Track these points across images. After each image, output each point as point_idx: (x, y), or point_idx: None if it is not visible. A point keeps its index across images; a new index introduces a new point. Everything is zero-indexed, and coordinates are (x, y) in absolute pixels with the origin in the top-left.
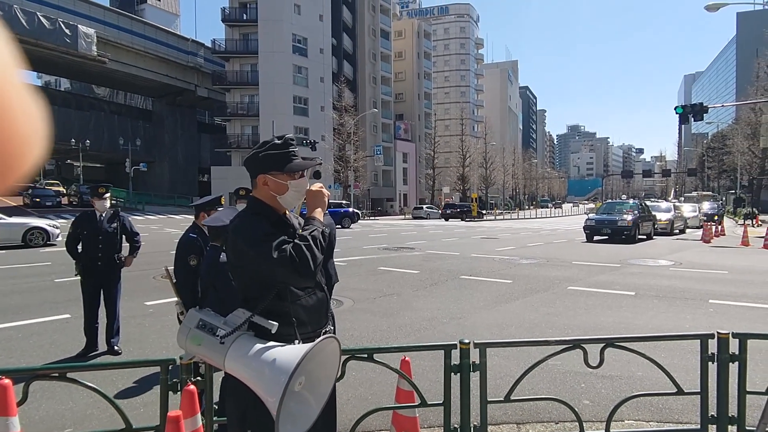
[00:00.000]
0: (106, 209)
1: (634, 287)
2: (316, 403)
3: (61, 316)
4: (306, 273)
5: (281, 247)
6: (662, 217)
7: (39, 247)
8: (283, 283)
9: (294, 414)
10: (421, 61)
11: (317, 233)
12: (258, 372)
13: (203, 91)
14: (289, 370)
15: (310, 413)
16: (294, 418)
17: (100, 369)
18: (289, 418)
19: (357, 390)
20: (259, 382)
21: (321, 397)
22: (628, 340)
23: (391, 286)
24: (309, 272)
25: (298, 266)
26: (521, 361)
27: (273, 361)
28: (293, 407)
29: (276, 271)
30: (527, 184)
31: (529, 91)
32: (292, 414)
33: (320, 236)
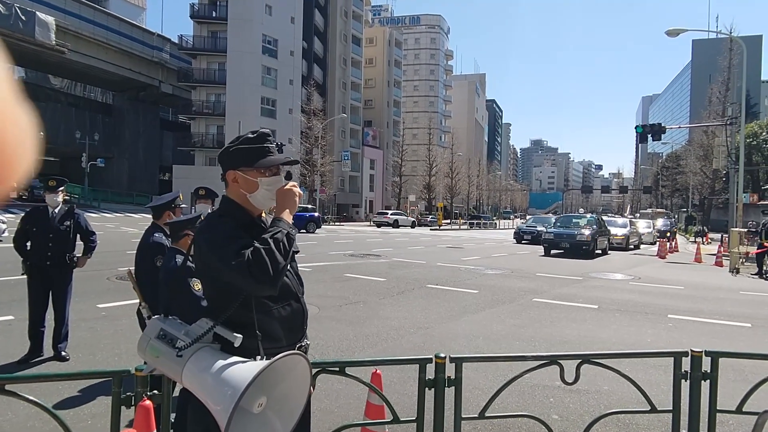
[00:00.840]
0: (58, 205)
1: (596, 300)
2: (283, 426)
3: (3, 317)
4: (264, 280)
5: (241, 251)
6: (618, 232)
7: None
8: (244, 291)
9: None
10: (391, 68)
11: (281, 236)
12: (210, 389)
13: (168, 88)
14: (240, 387)
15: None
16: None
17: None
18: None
19: (322, 402)
20: (209, 400)
21: (289, 422)
22: (604, 356)
23: (357, 294)
24: (267, 279)
25: (255, 272)
26: (490, 374)
27: (225, 378)
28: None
29: (233, 276)
30: (491, 195)
31: (496, 104)
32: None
33: (284, 239)
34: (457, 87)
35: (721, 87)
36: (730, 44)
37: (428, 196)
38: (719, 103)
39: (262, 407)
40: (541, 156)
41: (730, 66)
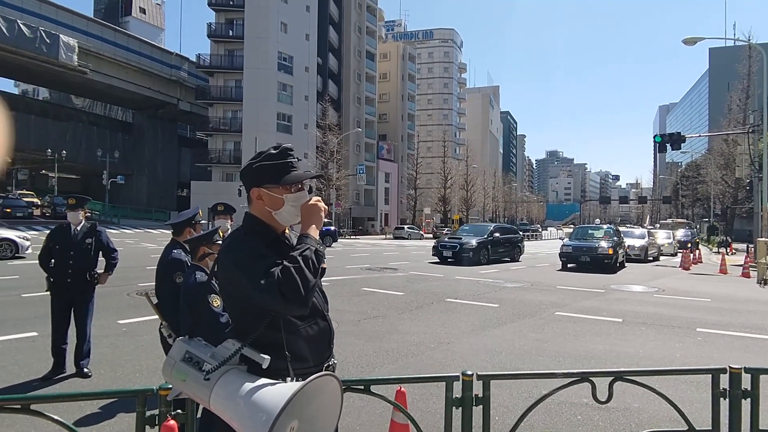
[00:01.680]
0: (79, 222)
1: (620, 314)
2: None
3: (28, 333)
4: (294, 299)
5: (269, 270)
6: (636, 243)
7: (7, 260)
8: (272, 311)
9: None
10: (405, 83)
11: (309, 253)
12: (241, 414)
13: (186, 105)
14: (274, 412)
15: None
16: None
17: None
18: None
19: (344, 420)
20: (242, 425)
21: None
22: (638, 374)
23: (375, 308)
24: (298, 298)
25: (285, 291)
26: (515, 391)
27: (257, 402)
28: None
29: (262, 297)
30: (507, 207)
31: (510, 116)
32: None
33: (313, 257)
34: (471, 99)
35: (740, 94)
36: (749, 51)
37: (444, 209)
38: (740, 111)
39: (293, 431)
40: (557, 167)
41: (750, 73)
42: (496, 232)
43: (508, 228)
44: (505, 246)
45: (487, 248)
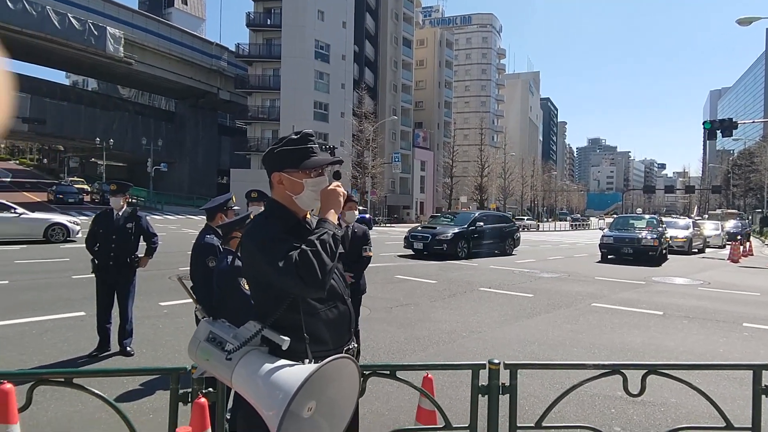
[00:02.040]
0: (120, 207)
1: (661, 306)
2: (331, 429)
3: (76, 313)
4: (312, 282)
5: (288, 254)
6: (679, 234)
7: (59, 243)
8: (291, 293)
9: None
10: (442, 69)
11: (327, 237)
12: (260, 393)
13: (225, 95)
14: (291, 391)
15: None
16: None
17: (108, 375)
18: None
19: (373, 405)
20: (260, 404)
21: (338, 426)
22: (673, 367)
23: (408, 296)
24: (316, 281)
25: (303, 274)
26: (546, 381)
27: (275, 382)
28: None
29: (281, 280)
30: (546, 196)
31: (551, 103)
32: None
33: (330, 240)
34: (510, 86)
35: None
36: None
37: (480, 198)
38: None
39: (311, 411)
40: (600, 155)
41: None
42: (479, 221)
43: (496, 216)
44: (492, 237)
45: (467, 239)
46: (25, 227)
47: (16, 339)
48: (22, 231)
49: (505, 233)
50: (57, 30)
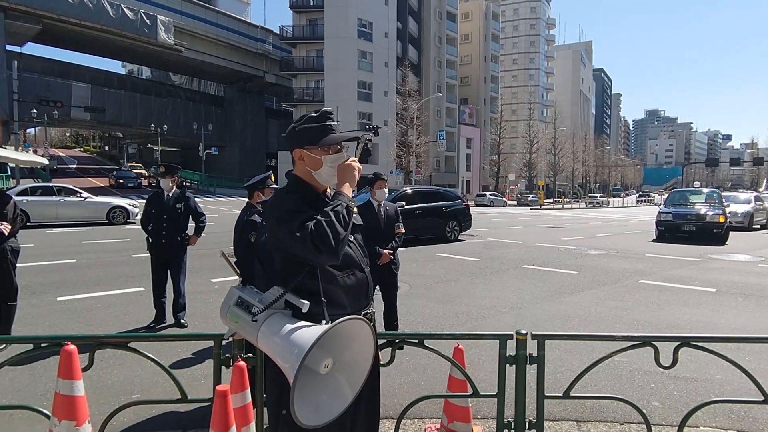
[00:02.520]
0: (170, 188)
1: (715, 283)
2: (351, 388)
3: (136, 289)
4: (326, 250)
5: (304, 224)
6: (739, 209)
7: (120, 225)
8: (308, 261)
9: (321, 402)
10: (488, 43)
11: (341, 208)
12: (279, 350)
13: (271, 77)
14: (304, 348)
15: (339, 404)
16: (320, 406)
17: (158, 340)
18: (316, 404)
19: (410, 375)
20: (279, 359)
21: (355, 385)
22: (708, 340)
23: (449, 273)
24: (329, 249)
25: (318, 243)
26: (585, 357)
27: (293, 339)
28: (322, 396)
29: (298, 248)
30: (599, 171)
31: (604, 74)
32: (320, 402)
33: (344, 211)
34: (560, 57)
35: None
36: None
37: (529, 175)
38: None
39: (328, 368)
40: (658, 127)
41: None
42: (401, 200)
43: (430, 192)
44: (423, 218)
45: None
46: (89, 210)
47: (83, 312)
48: (87, 214)
49: (444, 214)
50: (112, 20)
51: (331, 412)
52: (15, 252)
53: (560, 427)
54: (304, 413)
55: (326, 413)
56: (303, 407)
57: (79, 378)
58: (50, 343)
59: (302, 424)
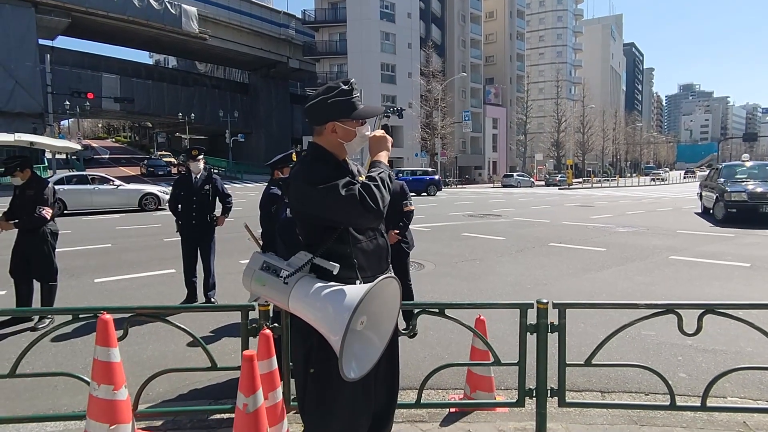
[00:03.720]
0: (200, 171)
1: (749, 258)
2: (380, 341)
3: (168, 270)
4: (374, 211)
5: (349, 186)
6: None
7: (152, 211)
8: (347, 223)
9: (357, 353)
10: (513, 20)
11: (384, 175)
12: (321, 311)
13: (295, 63)
14: (351, 307)
15: (373, 352)
16: (357, 357)
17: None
18: (353, 357)
19: (434, 349)
20: (322, 320)
21: (384, 337)
22: (733, 307)
23: (474, 252)
24: (378, 210)
25: (367, 204)
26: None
27: (335, 300)
28: (356, 346)
29: (344, 209)
30: (630, 149)
31: (635, 48)
32: (355, 353)
33: (387, 178)
34: (589, 33)
35: None
36: None
37: (557, 154)
38: None
39: (363, 325)
40: (692, 102)
41: None
42: None
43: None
44: None
45: None
46: (123, 198)
47: (119, 292)
48: (121, 201)
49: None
50: (138, 11)
51: (367, 362)
52: (54, 234)
53: (584, 396)
54: (348, 368)
55: (364, 364)
56: (346, 363)
57: (115, 345)
58: (88, 314)
59: (349, 378)
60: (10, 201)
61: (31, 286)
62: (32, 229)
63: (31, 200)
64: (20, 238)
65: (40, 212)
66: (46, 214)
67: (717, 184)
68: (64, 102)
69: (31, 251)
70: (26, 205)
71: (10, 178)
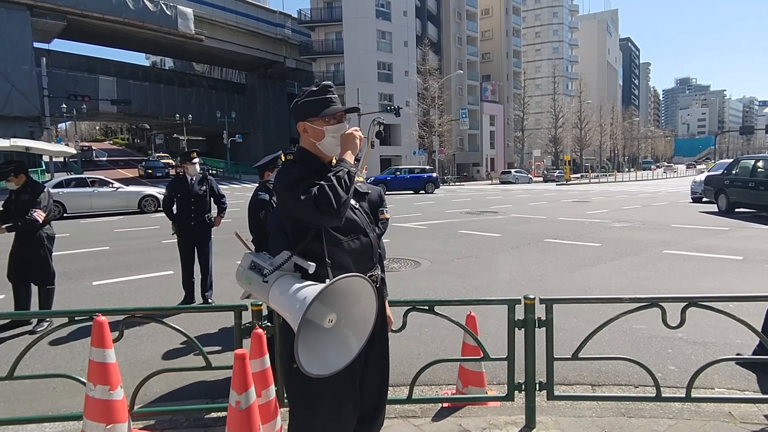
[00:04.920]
0: (197, 173)
1: (742, 251)
2: (357, 341)
3: (166, 272)
4: (328, 212)
5: (308, 189)
6: None
7: (151, 213)
8: (311, 224)
9: (327, 351)
10: (509, 17)
11: (342, 174)
12: (286, 306)
13: (291, 63)
14: (307, 301)
15: (346, 351)
16: (327, 355)
17: (183, 311)
18: (318, 353)
19: (428, 346)
20: (286, 313)
21: (361, 337)
22: (716, 299)
23: (470, 249)
24: (331, 211)
25: (320, 206)
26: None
27: (295, 297)
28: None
29: (303, 211)
30: (627, 144)
31: (631, 43)
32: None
33: (345, 177)
34: (585, 28)
35: None
36: None
37: (555, 150)
38: None
39: (332, 323)
40: (689, 96)
41: None
42: None
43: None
44: None
45: None
46: (122, 200)
47: (117, 294)
48: (120, 203)
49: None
50: (133, 13)
51: (336, 363)
52: (51, 238)
53: (575, 390)
54: (311, 363)
55: (331, 365)
56: (309, 358)
57: (110, 347)
58: (84, 316)
59: (308, 372)
60: (3, 203)
61: (29, 289)
62: (28, 233)
63: (25, 205)
64: (17, 243)
65: (32, 214)
66: (38, 216)
67: None
68: (61, 105)
69: (28, 255)
70: (21, 210)
71: (5, 182)
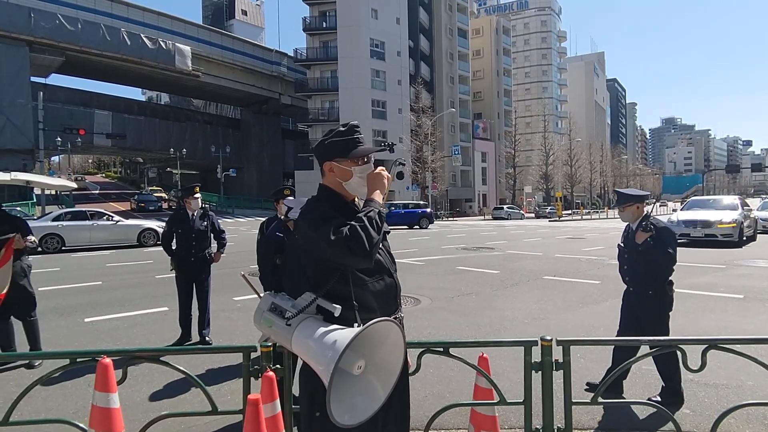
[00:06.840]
0: (198, 207)
1: (742, 290)
2: (383, 388)
3: (161, 308)
4: (360, 253)
5: (339, 228)
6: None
7: (150, 247)
8: (340, 264)
9: (356, 400)
10: (500, 58)
11: (373, 214)
12: (314, 353)
13: (287, 99)
14: (339, 350)
15: (374, 400)
16: (355, 404)
17: (189, 353)
18: (349, 402)
19: (435, 387)
20: (313, 361)
21: (387, 385)
22: (736, 342)
23: (469, 286)
24: (364, 252)
25: (352, 246)
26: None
27: (325, 343)
28: (356, 393)
29: (332, 252)
30: (617, 181)
31: (618, 84)
32: (354, 400)
33: (377, 217)
34: (573, 69)
35: None
36: None
37: (546, 186)
38: None
39: (361, 370)
40: (675, 135)
41: None
42: None
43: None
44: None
45: None
46: (121, 233)
47: (110, 332)
48: (119, 237)
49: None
50: (131, 50)
51: (365, 411)
52: (28, 268)
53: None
54: (340, 413)
55: (361, 413)
56: (338, 407)
57: (114, 391)
58: (86, 357)
59: (339, 423)
60: None
61: (10, 322)
62: None
63: None
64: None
65: None
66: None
67: None
68: (56, 138)
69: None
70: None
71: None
